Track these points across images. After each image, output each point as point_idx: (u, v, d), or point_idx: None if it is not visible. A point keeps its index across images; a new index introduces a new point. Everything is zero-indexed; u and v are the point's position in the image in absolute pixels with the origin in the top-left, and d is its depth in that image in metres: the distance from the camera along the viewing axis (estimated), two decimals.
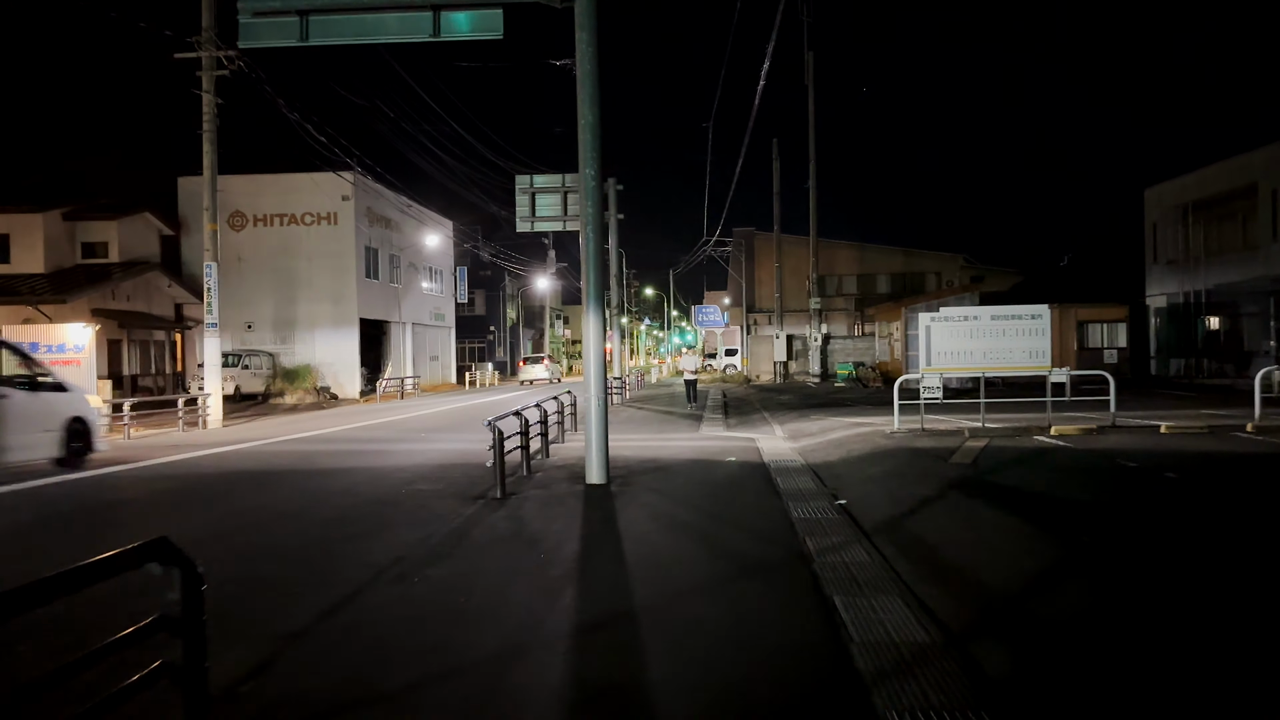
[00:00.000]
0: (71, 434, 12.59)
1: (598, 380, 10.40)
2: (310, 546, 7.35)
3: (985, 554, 6.70)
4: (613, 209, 26.65)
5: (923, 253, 50.90)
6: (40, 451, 12.12)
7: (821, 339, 37.16)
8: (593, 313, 10.40)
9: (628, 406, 25.55)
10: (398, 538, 7.51)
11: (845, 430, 15.08)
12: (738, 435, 16.14)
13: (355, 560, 6.70)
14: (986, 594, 5.81)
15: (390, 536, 7.59)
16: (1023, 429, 13.48)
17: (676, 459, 12.62)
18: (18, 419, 11.66)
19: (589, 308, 10.43)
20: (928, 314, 13.66)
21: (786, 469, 11.38)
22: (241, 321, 34.46)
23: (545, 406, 13.24)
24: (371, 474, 11.76)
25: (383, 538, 7.55)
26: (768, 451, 13.40)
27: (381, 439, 16.68)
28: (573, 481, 10.48)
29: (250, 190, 34.27)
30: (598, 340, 10.47)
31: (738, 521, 8.00)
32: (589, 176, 10.42)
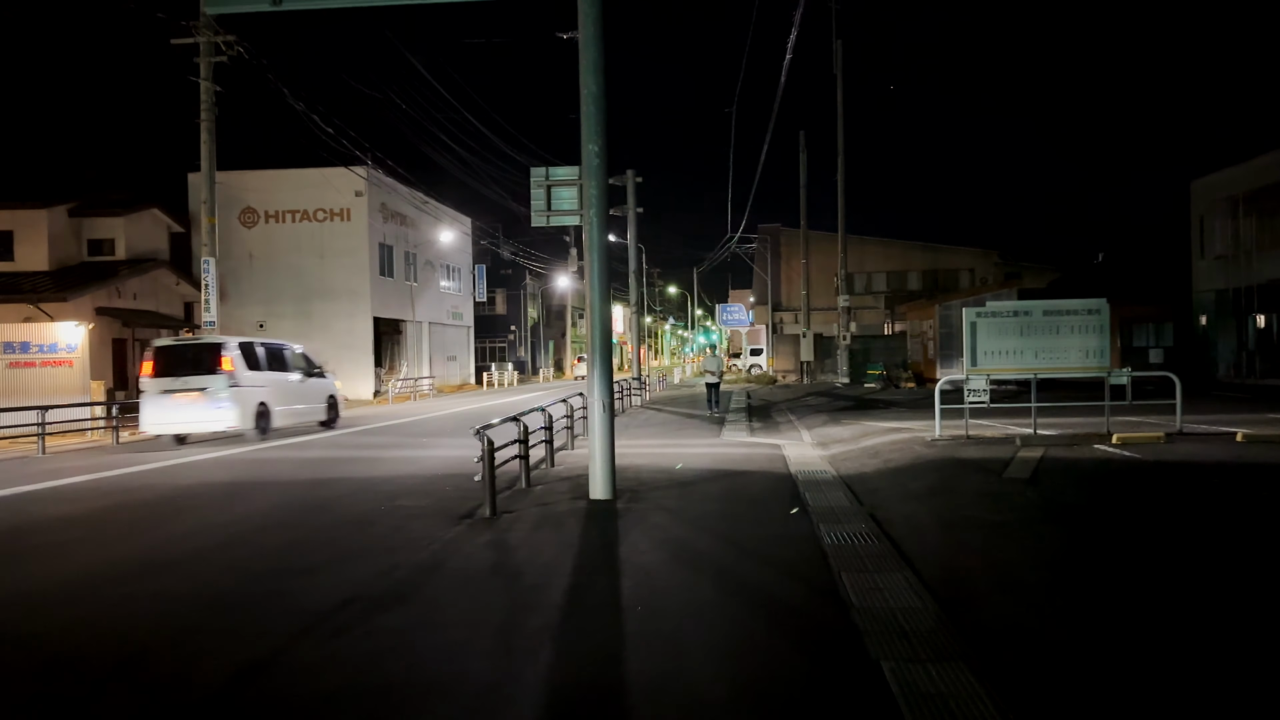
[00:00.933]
0: (329, 405, 19.95)
1: (603, 383, 9.22)
2: (251, 583, 6.21)
3: (1074, 606, 5.44)
4: (631, 201, 25.49)
5: (955, 249, 49.37)
6: (317, 416, 19.34)
7: (850, 338, 35.77)
8: (598, 305, 9.22)
9: (647, 408, 24.36)
10: (358, 571, 6.37)
11: (880, 437, 13.80)
12: (762, 441, 14.91)
13: (296, 604, 5.56)
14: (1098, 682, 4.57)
15: (350, 569, 6.44)
16: (1080, 437, 12.15)
17: (694, 469, 11.42)
18: (310, 393, 19.15)
19: (593, 299, 9.25)
20: (973, 309, 12.37)
21: (816, 482, 10.15)
22: (253, 320, 33.64)
23: (551, 411, 12.08)
24: (355, 486, 10.65)
25: (341, 570, 6.41)
26: (795, 461, 12.16)
27: (380, 445, 15.59)
28: (575, 496, 9.31)
29: (262, 186, 33.46)
30: (604, 336, 9.29)
31: (760, 550, 6.79)
32: (593, 153, 9.24)
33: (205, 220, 20.65)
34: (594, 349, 9.24)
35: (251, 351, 17.40)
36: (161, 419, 16.38)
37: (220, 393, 16.20)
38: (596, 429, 9.18)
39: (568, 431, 14.29)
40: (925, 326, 33.00)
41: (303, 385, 18.79)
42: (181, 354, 16.85)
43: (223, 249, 33.68)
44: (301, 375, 18.92)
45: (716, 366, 22.47)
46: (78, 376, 19.16)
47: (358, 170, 32.01)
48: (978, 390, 12.22)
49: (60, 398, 18.57)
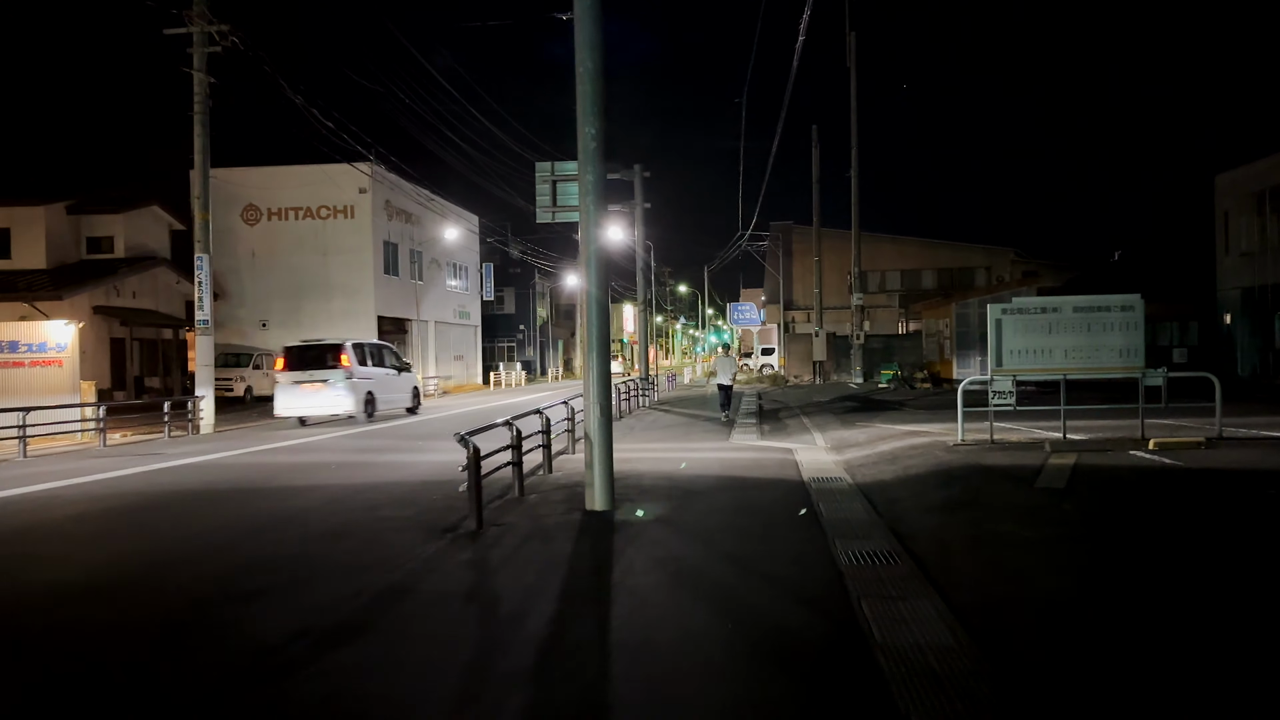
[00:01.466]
0: (414, 394, 23.47)
1: (600, 384, 8.53)
2: (197, 609, 5.55)
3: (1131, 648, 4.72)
4: (638, 196, 24.79)
5: (971, 246, 48.48)
6: (405, 403, 22.86)
7: (864, 337, 34.99)
8: (595, 302, 8.53)
9: (655, 409, 23.67)
10: (317, 596, 5.70)
11: (898, 441, 13.06)
12: (773, 445, 14.19)
13: (242, 635, 4.89)
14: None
15: (308, 594, 5.77)
16: (1113, 442, 11.39)
17: (699, 475, 10.72)
18: (401, 385, 22.61)
19: (590, 296, 8.56)
20: (998, 306, 11.61)
21: (831, 491, 9.43)
22: (255, 319, 33.14)
23: (549, 414, 11.39)
24: (338, 494, 9.99)
25: (298, 596, 5.74)
26: (808, 466, 11.44)
27: (372, 448, 14.94)
28: (570, 508, 8.63)
29: (264, 183, 32.92)
30: (601, 335, 8.60)
31: (769, 571, 6.09)
32: (589, 136, 8.54)
33: (199, 216, 20.05)
34: (591, 349, 8.55)
35: (362, 350, 21.03)
36: (291, 404, 20.07)
37: (339, 384, 19.85)
38: (594, 435, 8.49)
39: (569, 435, 13.61)
40: (941, 325, 32.17)
41: (397, 378, 22.53)
42: (307, 352, 20.46)
43: (225, 247, 33.20)
44: (395, 370, 22.64)
45: (729, 368, 20.17)
46: (67, 376, 18.59)
47: (361, 167, 31.40)
48: (1003, 392, 11.47)
49: (49, 398, 18.00)
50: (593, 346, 8.52)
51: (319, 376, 19.89)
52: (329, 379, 19.83)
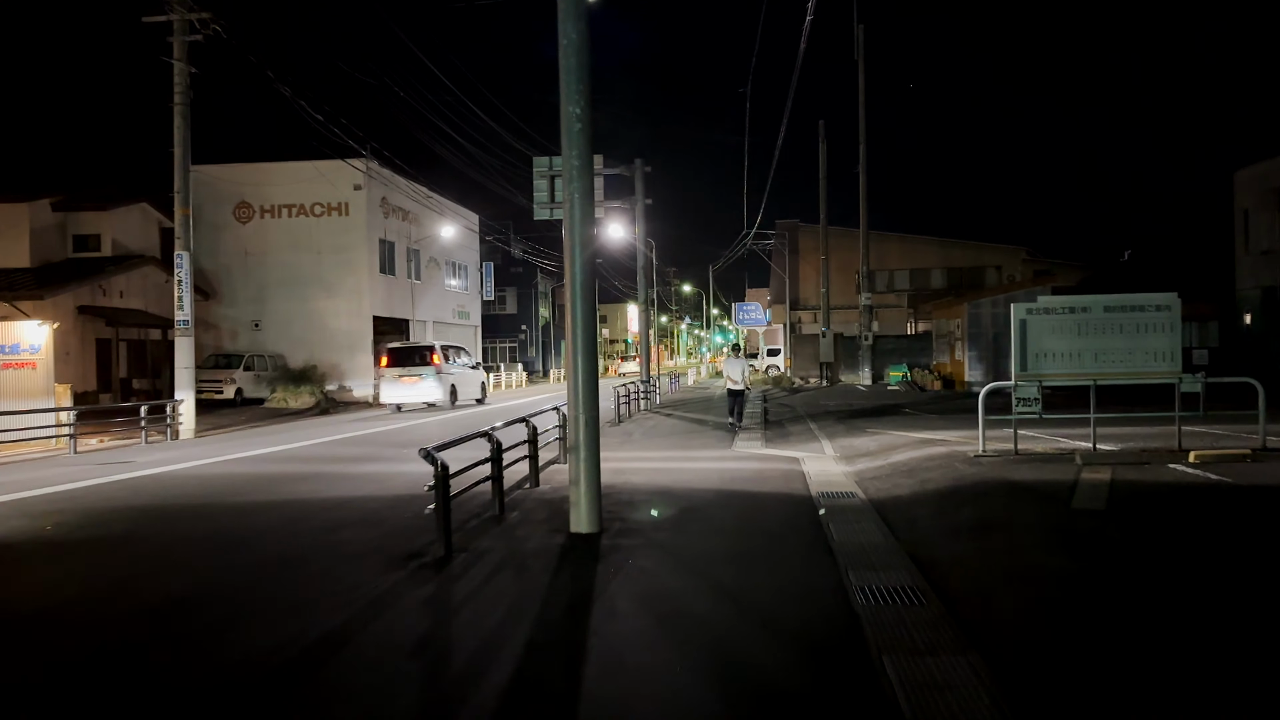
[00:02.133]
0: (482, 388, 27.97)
1: (587, 390, 7.66)
2: (94, 662, 4.68)
3: None
4: (639, 192, 23.91)
5: (982, 245, 47.49)
6: (476, 395, 27.15)
7: (872, 338, 34.07)
8: (579, 300, 7.66)
9: (656, 413, 22.80)
10: (245, 644, 4.84)
11: (913, 451, 12.17)
12: (778, 454, 13.31)
13: (140, 699, 4.02)
14: None
15: (236, 641, 4.91)
16: (1149, 454, 10.48)
17: (698, 489, 9.86)
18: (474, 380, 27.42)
19: (574, 292, 7.68)
20: (1022, 305, 10.70)
21: (842, 508, 8.56)
22: (247, 319, 32.34)
23: (536, 421, 10.52)
24: (301, 512, 9.14)
25: (224, 642, 4.89)
26: (816, 478, 10.57)
27: (352, 457, 14.09)
28: (553, 528, 7.77)
29: (257, 180, 32.13)
30: (587, 337, 7.73)
31: (773, 612, 5.22)
32: (574, 117, 7.66)
33: (179, 211, 19.22)
34: (575, 348, 7.67)
35: (446, 351, 26.18)
36: (393, 394, 25.13)
37: (431, 378, 24.62)
38: (580, 448, 7.63)
39: (560, 443, 12.73)
40: (953, 326, 31.22)
41: (471, 373, 27.64)
42: (405, 352, 25.78)
43: (217, 245, 32.45)
44: (469, 367, 27.78)
45: (739, 371, 17.20)
46: (41, 379, 17.79)
47: (356, 163, 30.55)
48: (1028, 399, 10.57)
49: (22, 402, 17.20)
50: (578, 346, 7.64)
51: (415, 372, 24.67)
52: (423, 374, 24.61)
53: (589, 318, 7.67)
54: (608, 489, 9.94)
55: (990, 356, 28.75)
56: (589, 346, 7.68)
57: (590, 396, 7.65)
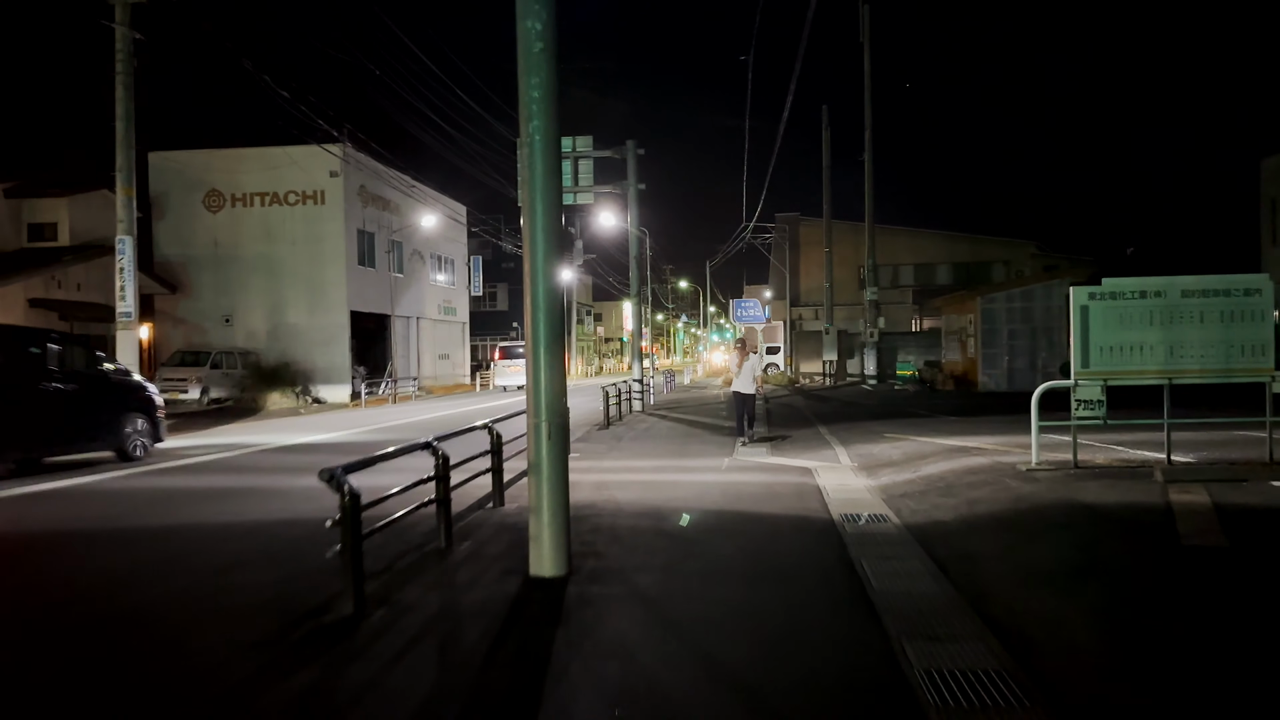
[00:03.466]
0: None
1: (551, 393, 5.89)
2: None
3: None
4: (632, 177, 22.14)
5: (988, 239, 45.84)
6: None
7: (878, 335, 32.32)
8: (540, 272, 5.89)
9: (649, 415, 21.04)
10: None
11: (946, 461, 10.42)
12: (787, 463, 11.56)
13: None
14: None
15: None
16: (1239, 466, 8.73)
17: (694, 509, 8.12)
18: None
19: (534, 260, 5.91)
20: (1083, 289, 8.94)
21: (874, 538, 6.83)
22: (218, 314, 30.53)
23: (500, 429, 8.75)
24: (196, 542, 7.38)
25: None
26: (836, 496, 8.83)
27: (299, 467, 12.29)
28: (509, 567, 6.04)
29: (228, 166, 30.33)
30: (551, 321, 5.95)
31: (804, 711, 3.47)
32: (533, 34, 5.87)
33: (122, 191, 17.49)
34: (535, 338, 5.90)
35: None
36: (504, 380, 34.83)
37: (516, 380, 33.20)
38: (541, 468, 5.86)
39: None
40: (965, 322, 29.49)
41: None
42: (511, 349, 35.59)
43: (186, 236, 30.65)
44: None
45: (750, 371, 14.29)
46: None
47: (332, 148, 28.80)
48: (1090, 401, 8.81)
49: None
50: (539, 332, 5.86)
51: (515, 362, 34.32)
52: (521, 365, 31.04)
53: (552, 296, 5.90)
54: (586, 508, 8.21)
55: (1006, 354, 27.03)
56: (553, 332, 5.90)
57: (555, 397, 5.88)
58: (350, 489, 5.10)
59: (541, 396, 5.83)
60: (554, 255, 5.89)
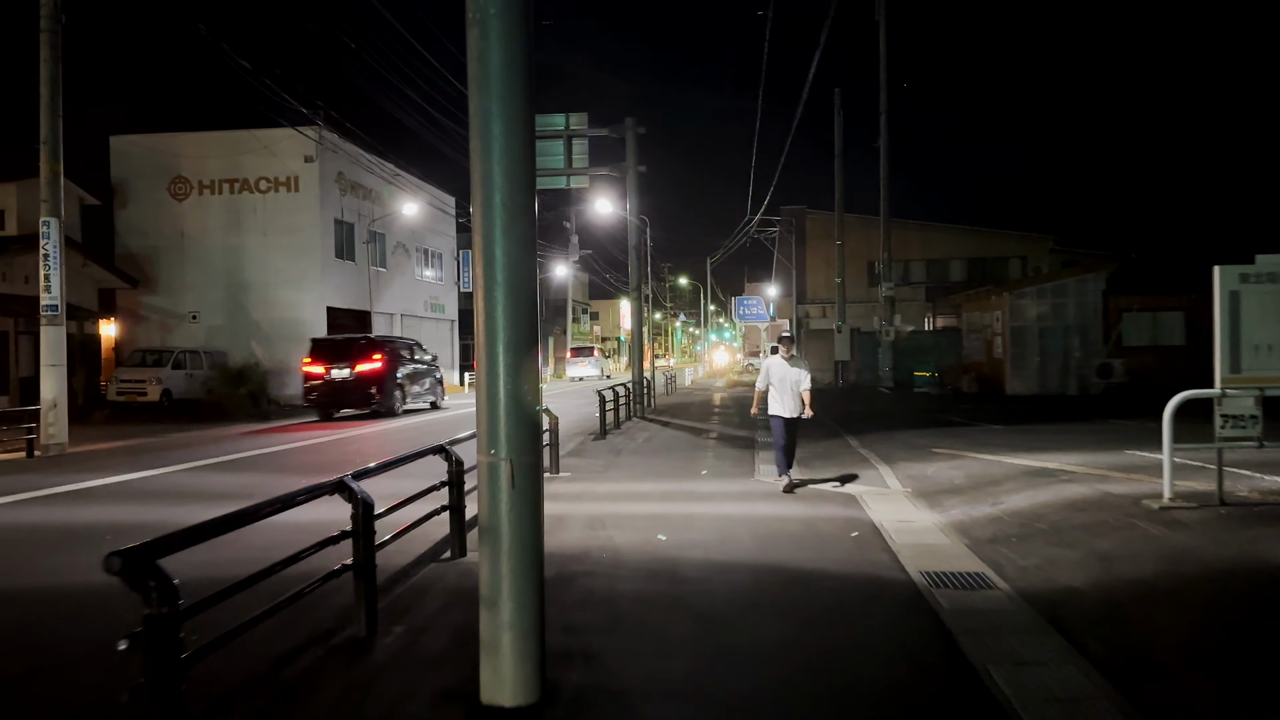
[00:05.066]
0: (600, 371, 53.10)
1: (516, 419, 3.71)
2: None
3: None
4: (631, 159, 20.00)
5: (1004, 233, 43.68)
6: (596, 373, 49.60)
7: (894, 333, 30.20)
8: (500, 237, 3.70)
9: (650, 421, 18.91)
10: None
11: (1032, 489, 8.28)
12: (823, 487, 9.43)
13: None
14: None
15: None
16: None
17: (720, 564, 6.01)
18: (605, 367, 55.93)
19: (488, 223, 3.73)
20: (1233, 269, 6.80)
21: (986, 620, 4.73)
22: (184, 311, 28.33)
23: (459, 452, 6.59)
24: (11, 621, 5.22)
25: None
26: (901, 540, 6.71)
27: (229, 492, 10.12)
28: (451, 686, 3.90)
29: (195, 151, 28.12)
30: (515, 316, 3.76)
31: None
32: None
33: (47, 167, 15.30)
34: (490, 330, 3.72)
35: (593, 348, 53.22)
36: (573, 372, 48.17)
37: (593, 364, 49.05)
38: (500, 534, 3.70)
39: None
40: (990, 320, 27.38)
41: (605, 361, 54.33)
42: (579, 350, 50.85)
43: (151, 226, 28.43)
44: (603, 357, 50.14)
45: (793, 383, 9.21)
46: None
47: (307, 131, 26.61)
48: (1242, 417, 6.68)
49: None
50: (496, 328, 3.69)
51: (585, 357, 49.61)
52: (589, 359, 49.55)
53: (518, 266, 3.73)
54: (575, 561, 6.08)
55: (1037, 355, 24.93)
56: (518, 322, 3.72)
57: (522, 421, 3.72)
58: (158, 582, 2.95)
59: (500, 421, 3.67)
60: (523, 203, 3.74)
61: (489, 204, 3.65)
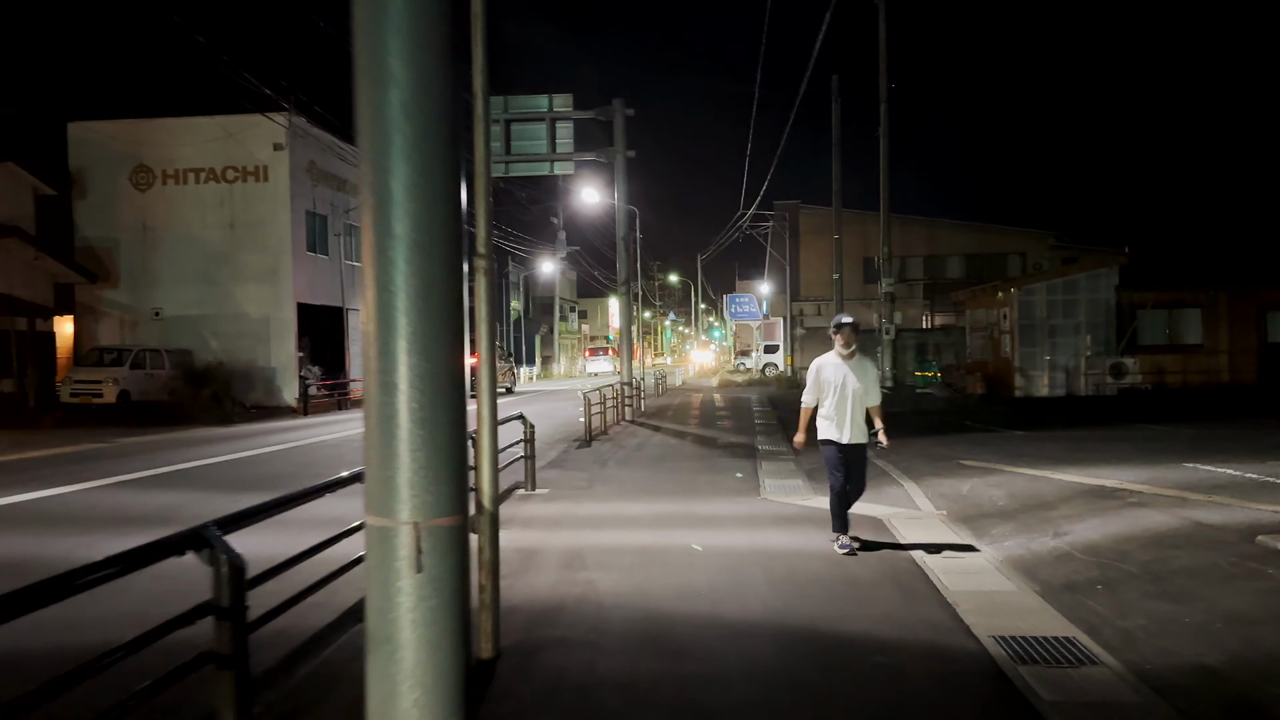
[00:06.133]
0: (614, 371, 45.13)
1: (422, 459, 2.28)
2: None
3: None
4: (620, 143, 18.59)
5: (1004, 229, 42.47)
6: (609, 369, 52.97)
7: (895, 331, 28.85)
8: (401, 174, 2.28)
9: (640, 425, 17.52)
10: None
11: (1097, 515, 6.92)
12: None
13: None
14: None
15: None
16: None
17: (732, 623, 4.65)
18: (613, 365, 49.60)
19: (375, 160, 2.29)
20: None
21: (1096, 713, 3.31)
22: (146, 307, 26.78)
23: None
24: None
25: None
26: (955, 586, 5.35)
27: (151, 515, 8.67)
28: None
29: (159, 139, 26.59)
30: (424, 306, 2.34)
31: None
32: None
33: None
34: (385, 320, 2.29)
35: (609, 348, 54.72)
36: (591, 368, 54.35)
37: (608, 361, 52.47)
38: (398, 637, 2.26)
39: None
40: (996, 317, 26.09)
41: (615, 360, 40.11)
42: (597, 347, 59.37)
43: (112, 217, 26.84)
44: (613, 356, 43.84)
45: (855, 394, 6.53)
46: None
47: (277, 118, 25.13)
48: None
49: None
50: (394, 323, 2.28)
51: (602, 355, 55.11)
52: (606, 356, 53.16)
53: (436, 211, 2.31)
54: (544, 620, 4.67)
55: (1047, 354, 23.65)
56: (434, 311, 2.31)
57: (436, 453, 2.30)
58: None
59: (400, 461, 2.27)
60: (438, 97, 2.33)
61: (380, 101, 2.24)
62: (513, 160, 18.94)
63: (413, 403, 2.25)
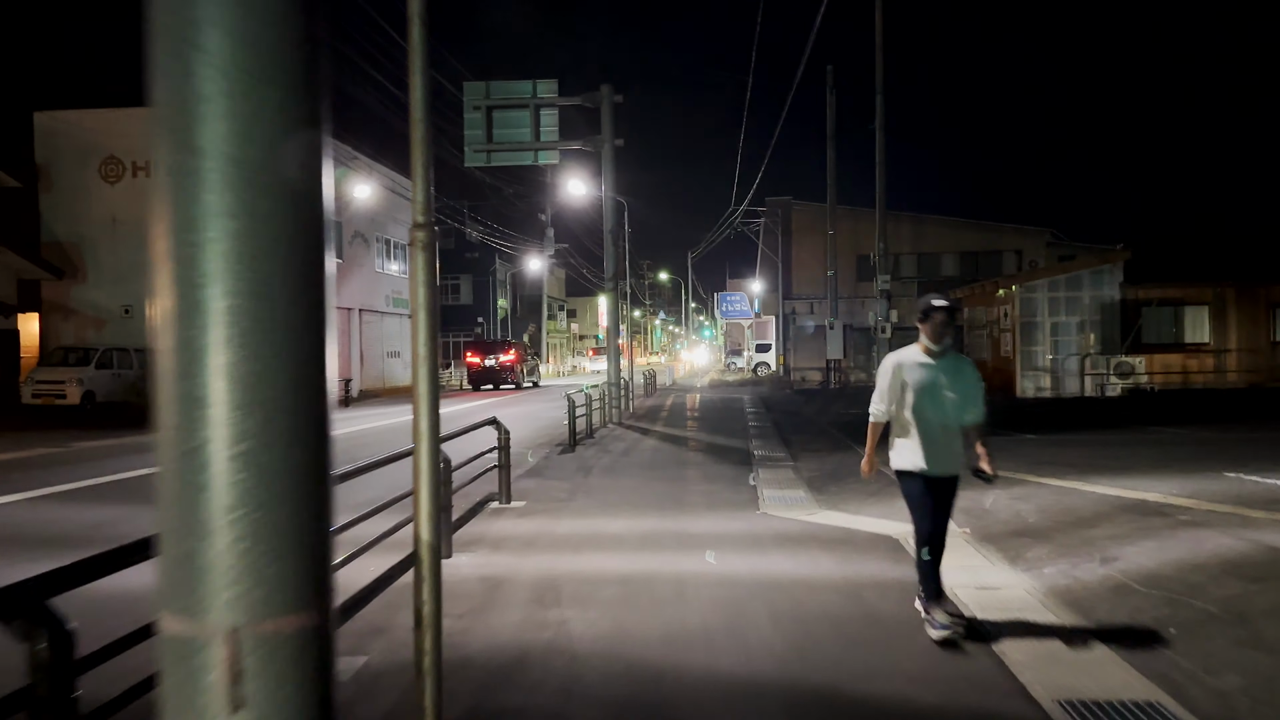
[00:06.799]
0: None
1: (248, 533, 1.38)
2: None
3: None
4: (608, 131, 17.70)
5: (1000, 227, 41.74)
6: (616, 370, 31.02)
7: (890, 330, 28.07)
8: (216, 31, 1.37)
9: (628, 427, 16.65)
10: None
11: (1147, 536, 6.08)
12: (853, 526, 7.19)
13: None
14: None
15: None
16: None
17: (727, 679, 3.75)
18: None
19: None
20: None
21: None
22: (117, 304, 25.79)
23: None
24: None
25: None
26: (1013, 647, 4.46)
27: (77, 534, 7.77)
28: None
29: (128, 130, 25.56)
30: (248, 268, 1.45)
31: None
32: None
33: None
34: (187, 301, 1.40)
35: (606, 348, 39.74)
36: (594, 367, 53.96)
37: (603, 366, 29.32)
38: None
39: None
40: (995, 315, 25.32)
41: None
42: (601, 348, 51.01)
43: (80, 211, 25.83)
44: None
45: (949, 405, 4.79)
46: None
47: None
48: None
49: None
50: (199, 310, 1.40)
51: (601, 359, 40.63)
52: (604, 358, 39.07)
53: (273, 131, 1.42)
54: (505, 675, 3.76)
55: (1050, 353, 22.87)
56: (269, 279, 1.42)
57: (274, 512, 1.40)
58: None
59: (209, 533, 1.37)
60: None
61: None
62: (495, 149, 18.02)
63: (233, 429, 1.38)
